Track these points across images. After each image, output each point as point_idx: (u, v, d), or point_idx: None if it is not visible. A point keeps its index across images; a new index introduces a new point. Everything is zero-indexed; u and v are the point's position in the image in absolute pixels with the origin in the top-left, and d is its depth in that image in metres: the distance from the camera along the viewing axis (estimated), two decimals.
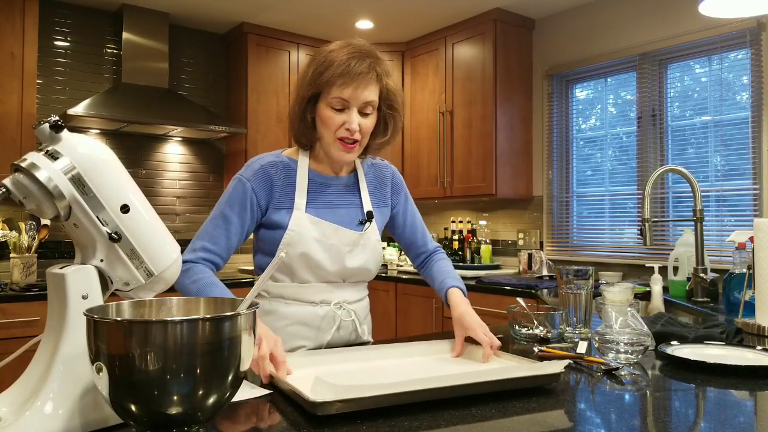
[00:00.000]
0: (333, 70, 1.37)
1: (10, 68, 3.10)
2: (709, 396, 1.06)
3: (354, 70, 1.37)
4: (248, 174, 1.45)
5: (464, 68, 3.92)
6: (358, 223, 1.52)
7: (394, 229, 1.67)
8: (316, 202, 1.48)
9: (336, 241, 1.47)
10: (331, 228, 1.46)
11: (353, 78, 1.37)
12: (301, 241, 1.43)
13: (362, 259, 1.51)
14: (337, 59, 1.38)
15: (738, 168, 3.00)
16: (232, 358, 0.76)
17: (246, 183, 1.44)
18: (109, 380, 0.72)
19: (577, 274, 1.53)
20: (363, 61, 1.39)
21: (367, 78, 1.39)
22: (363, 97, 1.40)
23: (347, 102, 1.39)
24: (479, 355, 1.32)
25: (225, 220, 1.42)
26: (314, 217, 1.46)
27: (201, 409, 0.75)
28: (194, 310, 0.91)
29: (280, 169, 1.47)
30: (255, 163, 1.47)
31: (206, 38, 4.20)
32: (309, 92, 1.42)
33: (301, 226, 1.44)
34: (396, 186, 1.65)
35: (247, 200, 1.43)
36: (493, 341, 1.32)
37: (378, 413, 0.91)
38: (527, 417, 0.91)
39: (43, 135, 0.85)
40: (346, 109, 1.40)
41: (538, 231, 3.88)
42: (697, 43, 3.14)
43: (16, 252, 3.15)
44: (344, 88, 1.38)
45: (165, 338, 0.71)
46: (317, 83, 1.40)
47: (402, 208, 1.66)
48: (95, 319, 0.73)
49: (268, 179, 1.45)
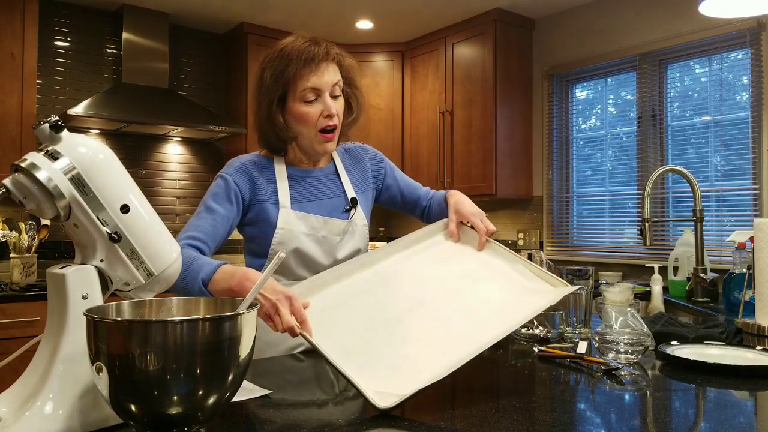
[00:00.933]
0: (296, 62, 1.36)
1: (10, 68, 3.10)
2: (709, 396, 1.06)
3: (317, 55, 1.37)
4: (229, 170, 1.45)
5: (464, 68, 3.92)
6: (343, 211, 1.52)
7: (394, 201, 1.68)
8: (299, 196, 1.48)
9: (326, 233, 1.47)
10: (318, 220, 1.47)
11: (318, 63, 1.37)
12: (291, 237, 1.43)
13: (352, 247, 1.51)
14: (294, 51, 1.37)
15: (738, 168, 3.00)
16: (232, 358, 0.76)
17: (228, 177, 1.44)
18: (109, 380, 0.72)
19: (577, 274, 1.53)
20: (319, 46, 1.39)
21: (328, 59, 1.39)
22: (331, 80, 1.39)
23: (318, 90, 1.38)
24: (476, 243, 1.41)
25: (209, 211, 1.40)
26: (300, 212, 1.46)
27: (201, 409, 0.75)
28: (194, 311, 0.91)
29: (259, 167, 1.47)
30: (235, 162, 1.48)
31: (206, 38, 4.20)
32: (275, 94, 1.40)
33: (289, 223, 1.43)
34: (375, 163, 1.64)
35: (231, 192, 1.42)
36: (488, 227, 1.41)
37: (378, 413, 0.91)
38: (527, 416, 0.91)
39: (43, 135, 0.85)
40: (318, 98, 1.40)
41: (538, 231, 3.88)
42: (697, 43, 3.14)
43: (16, 252, 3.15)
44: (311, 76, 1.37)
45: (165, 338, 0.71)
46: (282, 82, 1.39)
47: (392, 179, 1.66)
48: (95, 319, 0.73)
49: (249, 175, 1.45)
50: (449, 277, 1.30)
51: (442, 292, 1.25)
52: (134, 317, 0.87)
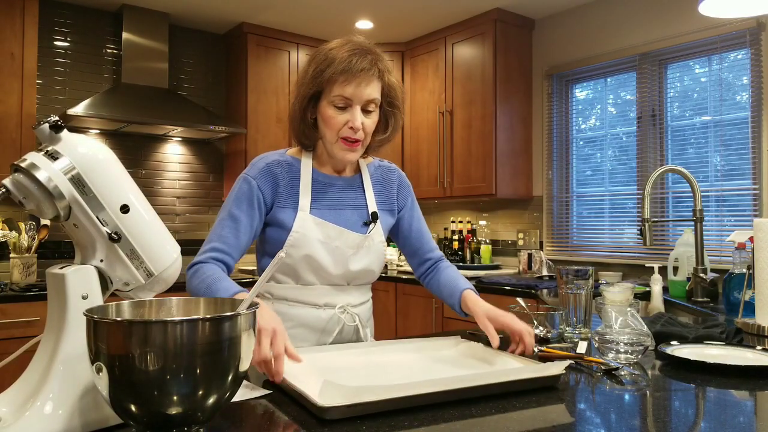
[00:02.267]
0: (334, 67, 1.35)
1: (10, 68, 3.10)
2: (709, 396, 1.06)
3: (356, 66, 1.35)
4: (253, 172, 1.44)
5: (464, 68, 3.92)
6: (362, 225, 1.50)
7: (399, 235, 1.63)
8: (320, 202, 1.46)
9: (340, 244, 1.45)
10: (335, 230, 1.44)
11: (355, 75, 1.35)
12: (305, 242, 1.41)
13: (366, 262, 1.49)
14: (338, 56, 1.36)
15: (738, 168, 3.00)
16: (232, 358, 0.76)
17: (252, 181, 1.43)
18: (109, 380, 0.72)
19: (577, 274, 1.53)
20: (364, 58, 1.37)
21: (369, 75, 1.37)
22: (366, 95, 1.38)
23: (350, 100, 1.37)
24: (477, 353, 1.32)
25: (233, 220, 1.40)
26: (318, 218, 1.44)
27: (201, 409, 0.75)
28: (194, 311, 0.91)
29: (284, 168, 1.46)
30: (260, 162, 1.46)
31: (206, 38, 4.20)
32: (310, 91, 1.40)
33: (305, 228, 1.42)
34: (403, 190, 1.62)
35: (254, 198, 1.42)
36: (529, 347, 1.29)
37: (378, 412, 0.91)
38: (527, 416, 0.91)
39: (43, 135, 0.85)
40: (348, 108, 1.38)
41: (537, 231, 3.88)
42: (697, 43, 3.14)
43: (16, 252, 3.15)
44: (346, 85, 1.36)
45: (165, 338, 0.71)
46: (318, 81, 1.38)
47: (409, 213, 1.62)
48: (95, 319, 0.73)
49: (274, 177, 1.44)
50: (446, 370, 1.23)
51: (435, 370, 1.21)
52: (134, 317, 0.87)
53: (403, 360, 1.28)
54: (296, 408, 0.95)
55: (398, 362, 1.26)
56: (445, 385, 0.96)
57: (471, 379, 0.99)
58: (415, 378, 1.04)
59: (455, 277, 1.56)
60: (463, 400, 0.98)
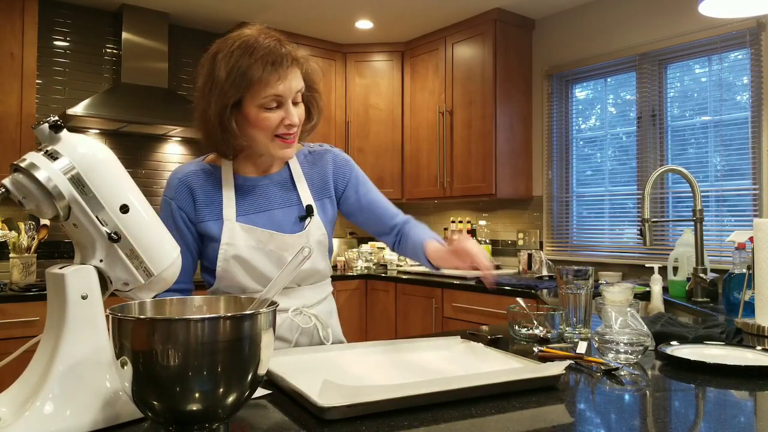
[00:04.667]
0: (260, 65, 1.23)
1: (10, 68, 3.10)
2: (709, 396, 1.06)
3: (284, 58, 1.25)
4: (170, 192, 1.37)
5: (464, 68, 3.92)
6: (297, 222, 1.41)
7: (354, 214, 1.52)
8: (246, 207, 1.39)
9: (274, 247, 1.37)
10: (265, 234, 1.36)
11: (285, 68, 1.25)
12: (238, 252, 1.35)
13: (308, 261, 1.38)
14: (258, 51, 1.24)
15: (738, 168, 3.00)
16: (252, 356, 0.76)
17: (171, 202, 1.37)
18: (133, 376, 0.73)
19: (576, 274, 1.53)
20: (285, 47, 1.27)
21: (293, 67, 1.28)
22: (294, 87, 1.28)
23: (282, 97, 1.27)
24: (477, 353, 1.32)
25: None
26: (246, 225, 1.36)
27: (221, 406, 0.76)
28: (215, 309, 0.92)
29: (202, 178, 1.38)
30: (173, 179, 1.38)
31: (206, 38, 4.19)
32: (231, 99, 1.26)
33: (234, 237, 1.35)
34: (340, 170, 1.50)
35: (178, 218, 1.36)
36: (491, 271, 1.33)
37: (378, 412, 0.91)
38: (527, 416, 0.91)
39: (43, 135, 0.85)
40: (280, 105, 1.28)
41: (537, 231, 3.88)
42: (697, 43, 3.14)
43: (16, 252, 3.15)
44: (278, 83, 1.25)
45: (187, 336, 0.72)
46: (243, 85, 1.24)
47: (354, 190, 1.50)
48: (119, 317, 0.74)
49: (189, 192, 1.37)
50: (447, 369, 1.22)
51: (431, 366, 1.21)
52: (156, 315, 0.88)
53: (403, 360, 1.28)
54: (296, 408, 0.95)
55: (398, 362, 1.26)
56: (445, 385, 0.96)
57: (471, 379, 0.99)
58: (415, 378, 1.05)
59: (419, 233, 1.46)
60: (463, 400, 0.98)
